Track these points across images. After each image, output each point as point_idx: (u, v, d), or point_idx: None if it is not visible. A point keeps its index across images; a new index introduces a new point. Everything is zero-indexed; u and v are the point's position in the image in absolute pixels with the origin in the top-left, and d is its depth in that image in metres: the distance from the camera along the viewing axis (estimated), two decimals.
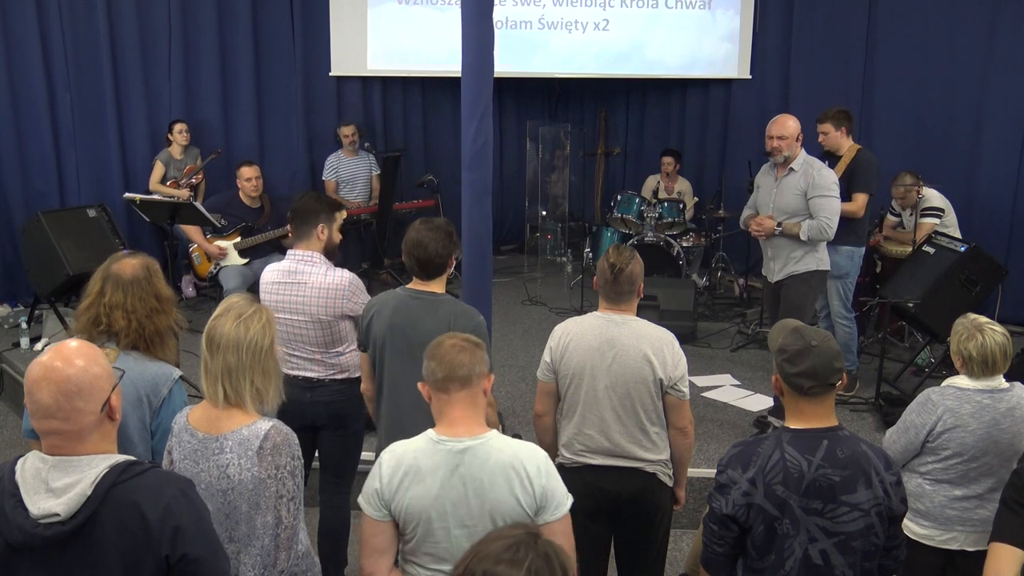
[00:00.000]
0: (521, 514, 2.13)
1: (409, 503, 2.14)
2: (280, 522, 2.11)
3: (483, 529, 2.12)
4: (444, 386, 2.18)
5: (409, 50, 7.75)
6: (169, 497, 1.74)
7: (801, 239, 4.33)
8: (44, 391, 1.72)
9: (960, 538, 2.88)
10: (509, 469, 2.13)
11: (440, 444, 2.16)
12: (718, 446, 4.44)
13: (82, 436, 1.75)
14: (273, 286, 3.24)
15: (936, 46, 6.80)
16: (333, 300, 3.16)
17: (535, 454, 2.19)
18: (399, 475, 2.16)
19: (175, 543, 1.72)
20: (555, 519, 2.15)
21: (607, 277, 2.89)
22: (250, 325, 2.18)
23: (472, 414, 2.20)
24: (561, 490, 2.18)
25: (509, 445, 2.20)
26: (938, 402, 2.87)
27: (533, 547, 1.43)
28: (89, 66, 6.90)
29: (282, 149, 7.68)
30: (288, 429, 2.19)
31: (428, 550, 2.18)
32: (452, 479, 2.13)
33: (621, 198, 7.10)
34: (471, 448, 2.15)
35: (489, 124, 3.90)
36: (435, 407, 2.22)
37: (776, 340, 2.29)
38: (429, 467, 2.15)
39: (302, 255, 3.23)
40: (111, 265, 2.50)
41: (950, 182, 6.32)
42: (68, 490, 1.69)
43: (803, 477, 2.12)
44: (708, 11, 7.74)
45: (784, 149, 4.37)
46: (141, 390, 2.39)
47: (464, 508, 2.13)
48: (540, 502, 2.14)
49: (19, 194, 6.78)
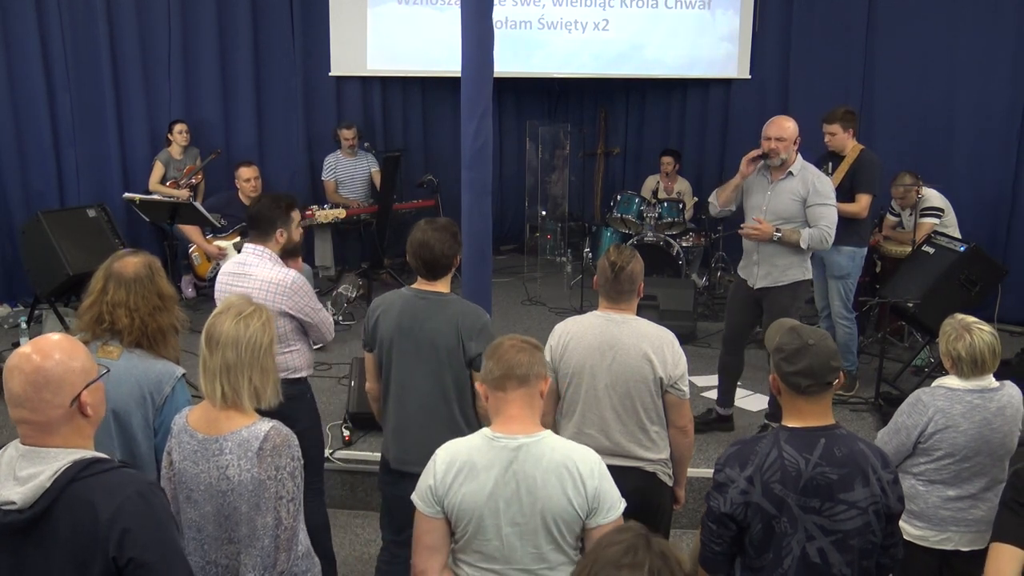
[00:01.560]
0: (573, 515, 2.14)
1: (462, 499, 2.15)
2: (280, 523, 2.11)
3: (534, 528, 2.13)
4: (502, 384, 2.20)
5: (409, 50, 7.74)
6: (124, 498, 1.72)
7: (801, 247, 4.15)
8: (16, 380, 1.74)
9: (955, 538, 2.89)
10: (562, 468, 2.14)
11: (495, 441, 2.17)
12: (718, 446, 4.44)
13: (50, 428, 1.75)
14: (225, 276, 3.26)
15: (936, 46, 6.80)
16: (273, 295, 3.12)
17: (588, 455, 2.20)
18: (453, 471, 2.17)
19: (122, 546, 1.70)
20: (608, 522, 2.15)
21: (607, 276, 2.89)
22: (250, 323, 2.19)
23: (528, 413, 2.21)
24: (614, 493, 2.19)
25: (563, 445, 2.21)
26: (929, 403, 2.86)
27: (648, 548, 1.44)
28: (89, 66, 6.90)
29: (282, 149, 7.68)
30: (288, 430, 2.19)
31: (478, 548, 2.18)
32: (506, 476, 2.14)
33: (621, 198, 7.10)
34: (525, 446, 2.16)
35: (489, 124, 3.90)
36: (492, 406, 2.24)
37: (773, 339, 2.30)
38: (483, 464, 2.16)
39: (254, 248, 3.24)
40: (113, 263, 2.51)
41: (950, 182, 6.33)
42: (29, 480, 1.71)
43: (801, 475, 2.12)
44: (708, 11, 7.74)
45: (782, 151, 4.14)
46: (144, 388, 2.40)
47: (516, 506, 2.14)
48: (592, 504, 2.14)
49: (19, 194, 6.79)
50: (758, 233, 4.19)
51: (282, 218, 3.26)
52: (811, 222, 4.18)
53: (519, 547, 2.16)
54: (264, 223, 3.25)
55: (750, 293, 4.38)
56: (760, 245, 4.25)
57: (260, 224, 3.26)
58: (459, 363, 2.87)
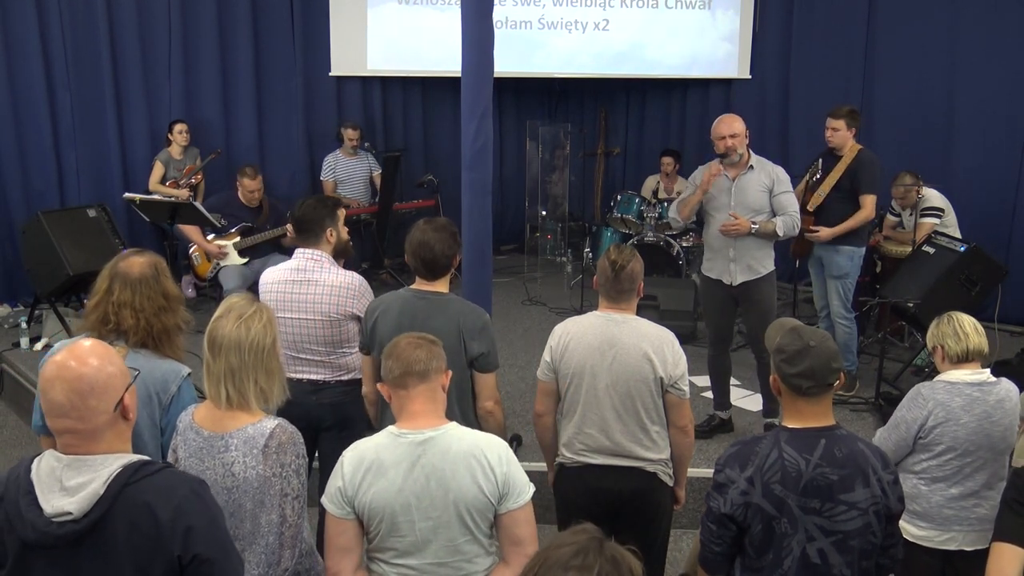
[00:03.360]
0: (485, 503, 2.17)
1: (373, 498, 2.17)
2: (285, 520, 2.12)
3: (447, 520, 2.16)
4: (402, 382, 2.22)
5: (409, 50, 7.75)
6: (181, 497, 1.74)
7: (778, 235, 4.24)
8: (58, 390, 1.72)
9: (959, 538, 2.88)
10: (470, 458, 2.17)
11: (401, 437, 2.20)
12: (718, 446, 4.44)
13: (96, 435, 1.75)
14: (279, 284, 3.24)
15: (936, 46, 6.80)
16: (344, 299, 3.17)
17: (494, 442, 2.25)
18: (361, 471, 2.18)
19: (187, 543, 1.72)
20: (518, 507, 2.19)
21: (608, 275, 2.89)
22: (251, 325, 2.18)
23: (432, 408, 2.24)
24: (523, 478, 2.22)
25: (469, 434, 2.25)
26: (928, 396, 2.88)
27: (600, 552, 1.42)
28: (89, 66, 6.90)
29: (282, 149, 7.68)
30: (293, 428, 2.20)
31: (393, 545, 2.20)
32: (414, 471, 2.17)
33: (621, 198, 7.10)
34: (432, 439, 2.19)
35: (489, 124, 3.90)
36: (395, 405, 2.27)
37: (774, 340, 2.30)
38: (391, 461, 2.18)
39: (311, 254, 3.24)
40: (119, 263, 2.50)
41: (950, 182, 6.33)
42: (81, 489, 1.70)
43: (801, 476, 2.12)
44: (708, 11, 7.74)
45: (738, 147, 4.21)
46: (151, 387, 2.40)
47: (428, 500, 2.16)
48: (503, 489, 2.18)
49: (19, 194, 6.78)
50: (737, 229, 4.23)
51: (330, 216, 3.28)
52: (778, 210, 4.25)
53: (433, 541, 2.19)
54: (313, 225, 3.25)
55: (726, 292, 4.41)
56: (736, 241, 4.28)
57: (309, 227, 3.25)
58: (460, 364, 2.85)
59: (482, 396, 2.92)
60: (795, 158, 6.98)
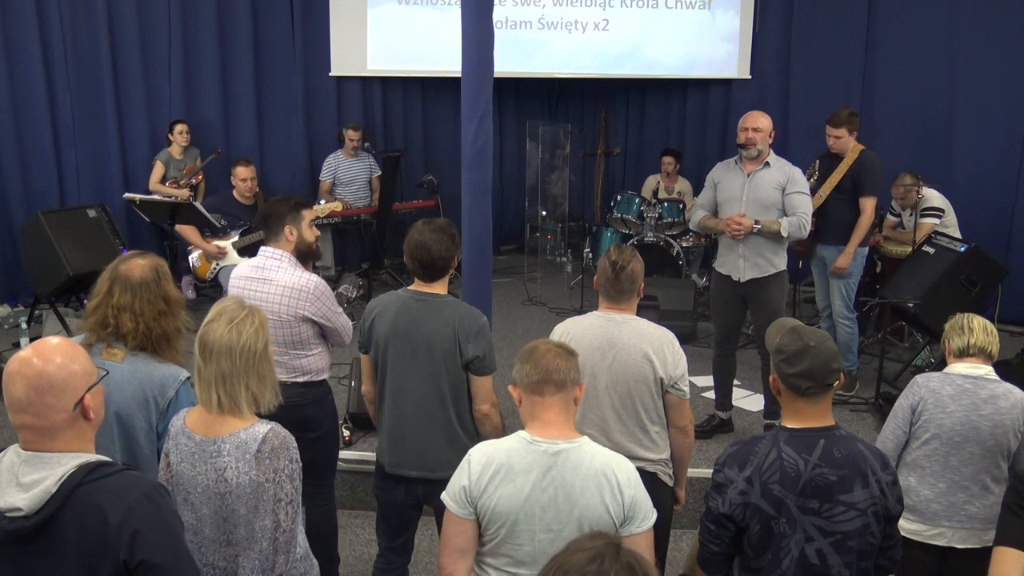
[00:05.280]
0: (609, 523, 2.12)
1: (498, 502, 2.13)
2: (279, 525, 2.10)
3: (569, 535, 2.10)
4: (539, 388, 2.18)
5: (409, 50, 7.75)
6: (132, 501, 1.72)
7: (782, 235, 4.23)
8: (17, 385, 1.72)
9: (948, 534, 2.90)
10: (601, 476, 2.13)
11: (534, 444, 2.15)
12: (718, 446, 4.44)
13: (53, 433, 1.74)
14: (241, 280, 3.22)
15: (936, 46, 6.80)
16: (296, 301, 3.11)
17: (625, 464, 2.19)
18: (489, 473, 2.14)
19: (133, 548, 1.70)
20: (640, 532, 2.15)
21: (608, 275, 2.89)
22: (243, 329, 2.15)
23: (565, 419, 2.20)
24: (648, 503, 2.18)
25: (602, 452, 2.20)
26: (922, 383, 2.95)
27: (616, 558, 1.41)
28: (89, 66, 6.90)
29: (282, 149, 7.68)
30: (286, 432, 2.17)
31: (508, 552, 2.16)
32: (544, 481, 2.12)
33: (621, 198, 7.10)
34: (565, 451, 2.14)
35: (489, 124, 3.90)
36: (527, 410, 2.22)
37: (774, 340, 2.30)
38: (522, 467, 2.13)
39: (272, 252, 3.20)
40: (120, 265, 2.48)
41: (950, 182, 6.33)
42: (34, 486, 1.69)
43: (800, 476, 2.12)
44: (708, 11, 7.74)
45: (759, 142, 4.25)
46: (148, 391, 2.39)
47: (553, 512, 2.12)
48: (628, 512, 2.13)
49: (19, 194, 6.79)
50: (740, 230, 4.24)
51: (291, 214, 3.21)
52: (789, 210, 4.26)
53: (550, 553, 2.13)
54: (272, 220, 3.22)
55: (735, 289, 4.41)
56: (747, 238, 4.30)
57: (268, 221, 3.23)
58: (456, 366, 2.85)
59: (478, 399, 2.91)
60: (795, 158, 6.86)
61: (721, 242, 4.50)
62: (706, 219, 4.47)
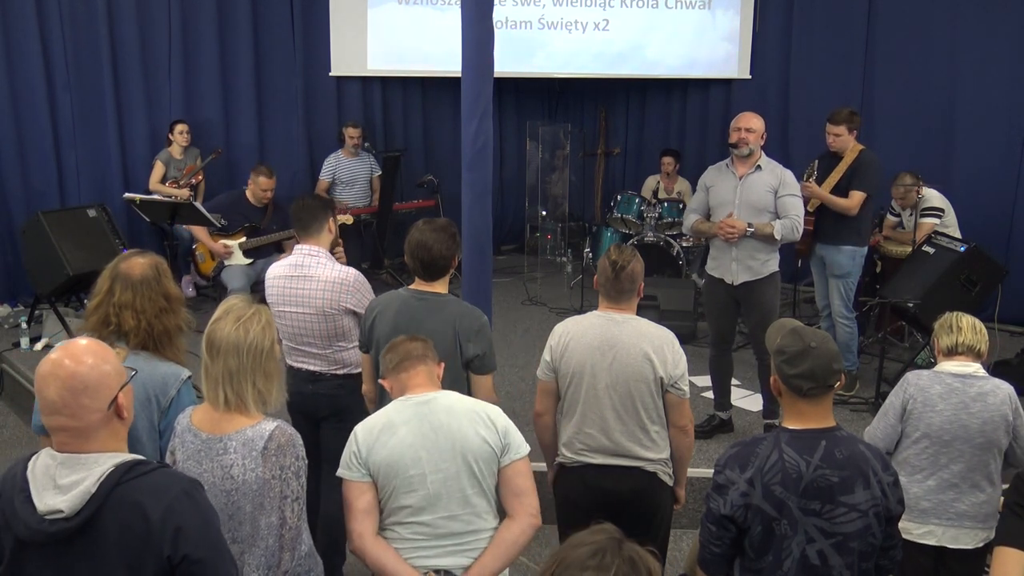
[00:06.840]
0: (489, 452, 2.34)
1: (387, 455, 2.31)
2: (284, 523, 2.11)
3: (456, 471, 2.32)
4: (401, 366, 2.42)
5: (409, 50, 7.75)
6: (172, 497, 1.74)
7: (775, 238, 4.22)
8: (51, 387, 1.72)
9: (937, 532, 2.91)
10: (472, 413, 2.38)
11: (407, 401, 2.39)
12: (718, 446, 4.44)
13: (89, 434, 1.75)
14: (280, 280, 3.30)
15: (936, 46, 6.80)
16: (338, 294, 3.21)
17: (492, 405, 2.48)
18: (374, 434, 2.34)
19: (176, 544, 1.72)
20: (519, 458, 2.39)
21: (608, 275, 2.89)
22: (250, 327, 2.17)
23: (431, 382, 2.44)
24: (520, 435, 2.43)
25: (468, 398, 2.48)
26: (912, 381, 2.98)
27: (618, 552, 1.42)
28: (89, 66, 6.89)
29: (282, 149, 7.68)
30: (292, 430, 2.19)
31: (406, 502, 2.32)
32: (423, 427, 2.33)
33: (621, 198, 7.10)
34: (435, 398, 2.39)
35: (489, 124, 3.90)
36: (397, 389, 2.43)
37: (774, 341, 2.29)
38: (400, 420, 2.35)
39: (309, 250, 3.30)
40: (120, 264, 2.49)
41: (950, 182, 6.32)
42: (73, 487, 1.70)
43: (801, 478, 2.12)
44: (708, 11, 7.74)
45: (751, 142, 4.25)
46: (150, 390, 2.39)
47: (436, 452, 2.32)
48: (504, 439, 2.37)
49: (19, 194, 6.77)
50: (733, 233, 4.24)
51: (330, 208, 3.38)
52: (781, 212, 4.26)
53: (444, 494, 2.32)
54: (308, 218, 3.31)
55: (728, 292, 4.41)
56: (739, 241, 4.29)
57: (309, 220, 3.31)
58: (456, 366, 2.85)
59: (479, 397, 2.91)
60: (795, 158, 6.96)
61: (713, 245, 4.49)
62: (698, 223, 4.47)
